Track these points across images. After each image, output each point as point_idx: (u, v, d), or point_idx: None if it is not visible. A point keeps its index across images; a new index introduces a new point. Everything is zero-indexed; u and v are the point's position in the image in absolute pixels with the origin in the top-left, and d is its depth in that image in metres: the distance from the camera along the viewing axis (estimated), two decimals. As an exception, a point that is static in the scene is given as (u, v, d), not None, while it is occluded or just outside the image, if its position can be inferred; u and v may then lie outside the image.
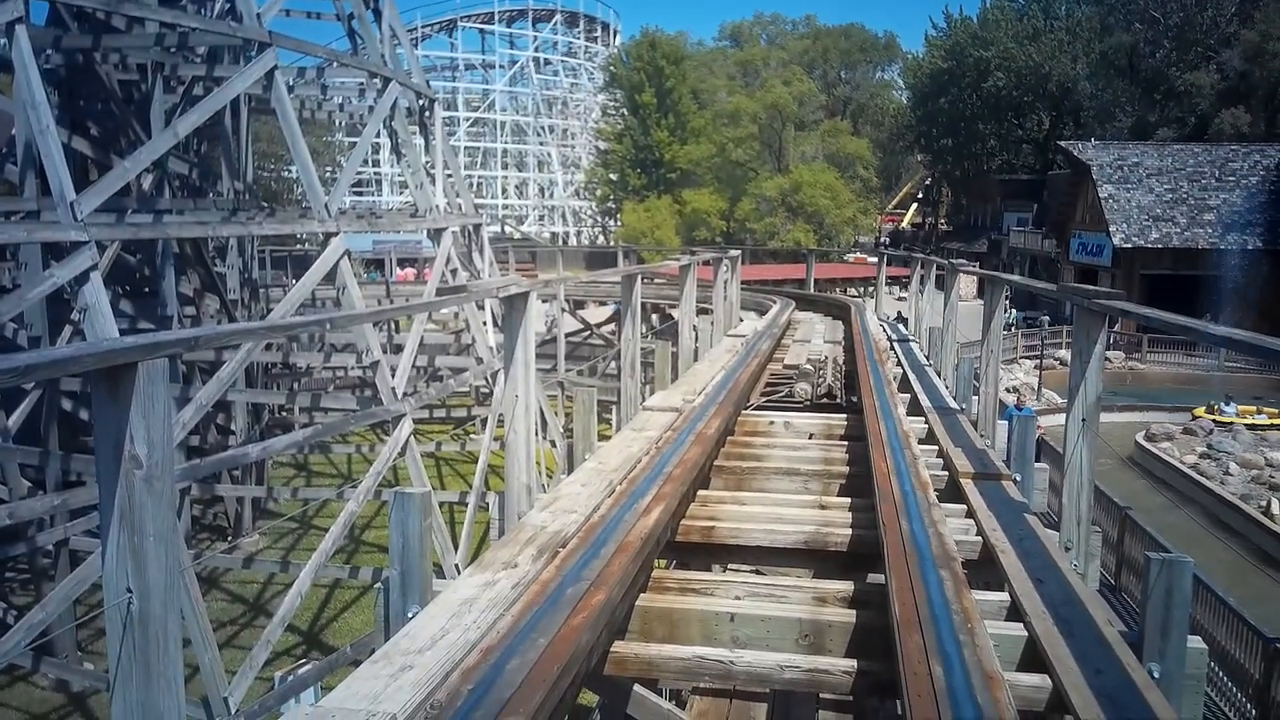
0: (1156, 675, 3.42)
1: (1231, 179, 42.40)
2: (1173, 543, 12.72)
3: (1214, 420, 26.41)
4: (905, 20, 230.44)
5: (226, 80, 14.81)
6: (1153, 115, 55.38)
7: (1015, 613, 4.03)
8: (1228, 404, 27.11)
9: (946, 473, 6.39)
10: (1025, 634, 3.77)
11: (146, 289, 19.87)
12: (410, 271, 46.28)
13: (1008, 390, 25.97)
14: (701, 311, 13.90)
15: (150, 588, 2.37)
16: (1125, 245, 40.68)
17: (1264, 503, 19.64)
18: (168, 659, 2.43)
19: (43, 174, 11.99)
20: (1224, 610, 10.96)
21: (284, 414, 24.78)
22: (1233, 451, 23.33)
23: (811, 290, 27.93)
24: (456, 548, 14.52)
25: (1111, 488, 15.43)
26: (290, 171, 50.67)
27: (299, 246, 37.84)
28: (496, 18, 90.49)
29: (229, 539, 19.28)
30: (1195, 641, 3.57)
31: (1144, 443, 25.02)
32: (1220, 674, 10.78)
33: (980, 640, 3.42)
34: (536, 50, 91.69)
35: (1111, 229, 40.99)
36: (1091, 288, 5.10)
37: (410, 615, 3.70)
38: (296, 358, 24.04)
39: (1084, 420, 4.79)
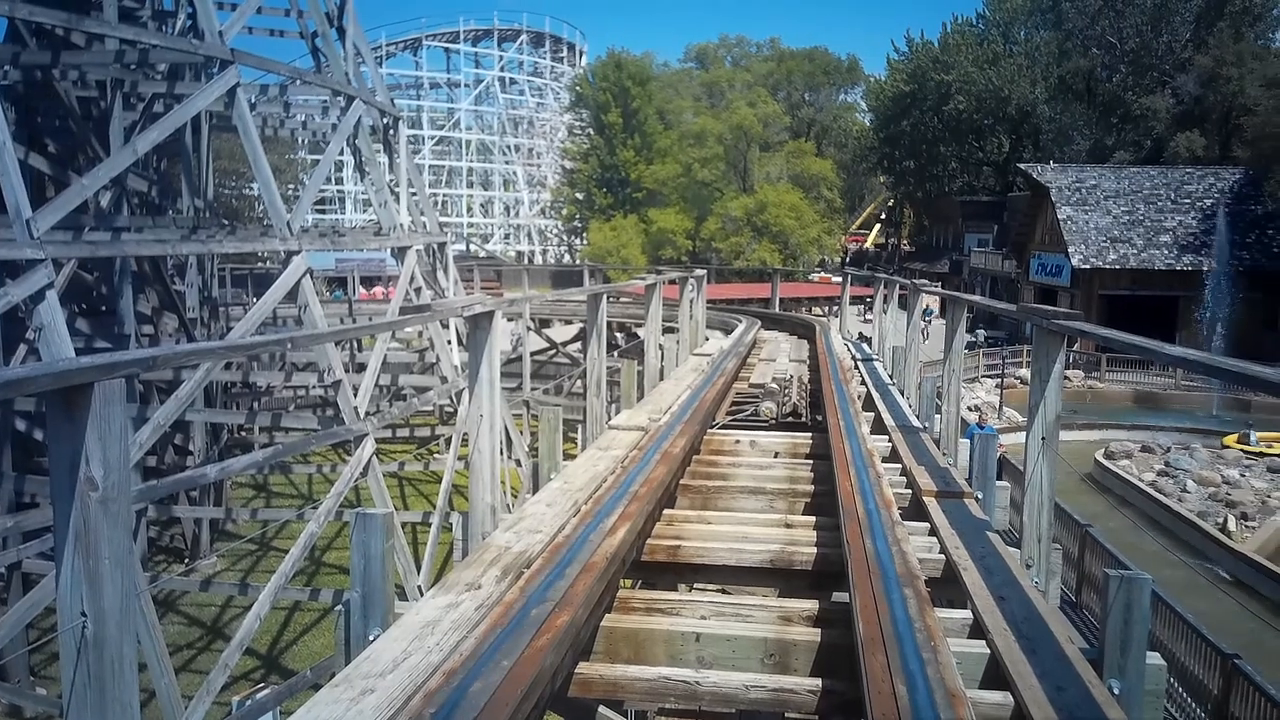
0: (1117, 691, 3.46)
1: (1187, 201, 43.14)
2: (1132, 559, 12.85)
3: (1242, 449, 26.37)
4: (868, 43, 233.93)
5: (188, 97, 14.68)
6: (1110, 138, 56.35)
7: (978, 630, 4.06)
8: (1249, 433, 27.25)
9: (910, 491, 6.44)
10: (988, 651, 3.80)
11: (104, 307, 19.59)
12: (377, 290, 46.01)
13: (970, 409, 26.17)
14: (667, 330, 13.92)
15: (105, 611, 2.32)
16: (1084, 266, 41.26)
17: (1220, 519, 19.93)
18: (123, 684, 2.39)
19: (-2, 190, 11.80)
20: (1183, 626, 11.08)
21: (243, 434, 24.50)
22: (1190, 469, 23.69)
23: (777, 309, 28.08)
24: (419, 569, 14.39)
25: (1072, 505, 15.56)
26: (252, 189, 50.29)
27: (260, 265, 37.50)
28: (461, 37, 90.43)
29: (186, 561, 18.97)
30: (1154, 658, 3.61)
31: (1103, 460, 25.31)
32: (1180, 689, 10.89)
33: (943, 658, 3.44)
34: (502, 70, 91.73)
35: (1070, 250, 41.57)
36: (1050, 308, 5.18)
37: (372, 638, 3.65)
38: (257, 377, 23.78)
39: (1044, 438, 4.85)
